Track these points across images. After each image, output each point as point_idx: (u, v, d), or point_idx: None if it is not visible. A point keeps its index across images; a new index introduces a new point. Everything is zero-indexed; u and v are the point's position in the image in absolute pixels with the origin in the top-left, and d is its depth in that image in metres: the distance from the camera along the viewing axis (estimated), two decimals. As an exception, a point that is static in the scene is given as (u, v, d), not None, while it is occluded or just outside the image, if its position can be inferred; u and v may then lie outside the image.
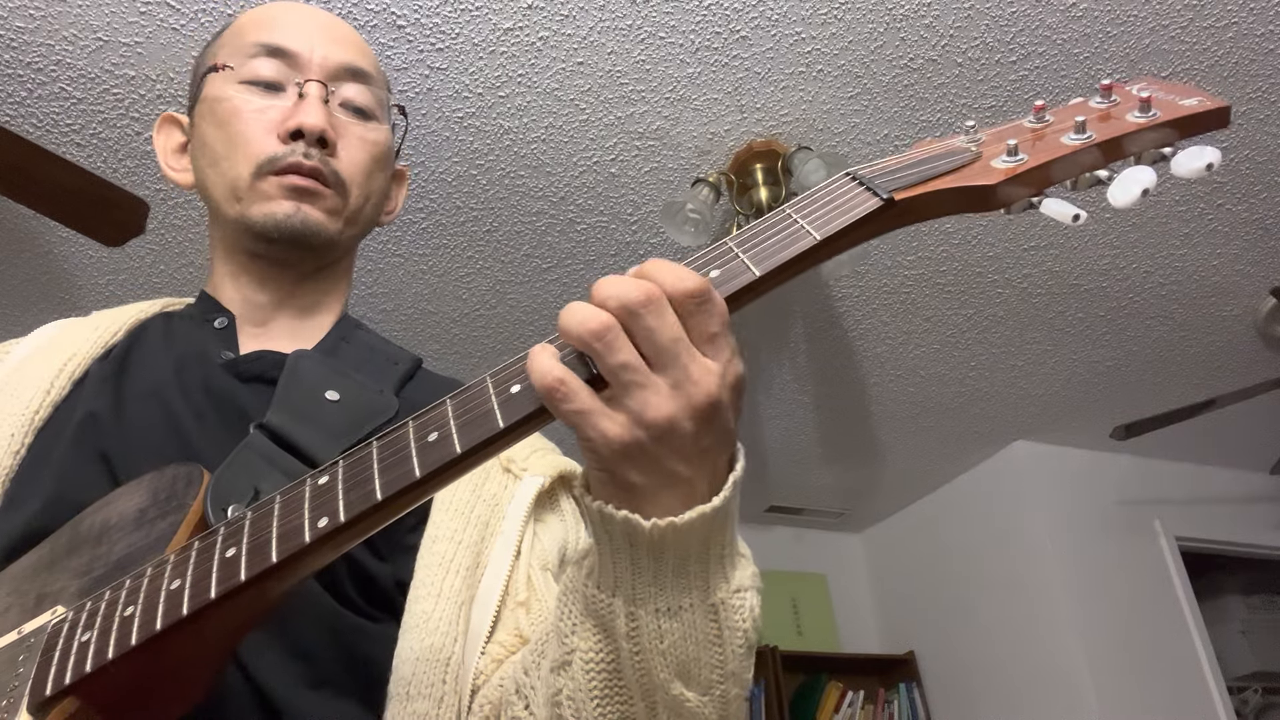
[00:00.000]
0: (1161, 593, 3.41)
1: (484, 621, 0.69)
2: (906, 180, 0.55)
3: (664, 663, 0.51)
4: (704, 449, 0.49)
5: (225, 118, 0.81)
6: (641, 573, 0.51)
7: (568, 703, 0.55)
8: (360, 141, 0.83)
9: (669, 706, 0.53)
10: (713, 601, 0.51)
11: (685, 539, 0.49)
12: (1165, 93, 0.58)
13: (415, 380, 0.83)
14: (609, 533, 0.50)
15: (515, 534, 0.74)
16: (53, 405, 0.75)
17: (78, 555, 0.61)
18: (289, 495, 0.54)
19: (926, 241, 2.51)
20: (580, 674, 0.54)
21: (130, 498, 0.63)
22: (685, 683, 0.52)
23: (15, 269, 2.32)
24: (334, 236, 0.81)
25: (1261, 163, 2.32)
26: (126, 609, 0.54)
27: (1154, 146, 0.56)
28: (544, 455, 0.82)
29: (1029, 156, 0.56)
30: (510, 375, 0.51)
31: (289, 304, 0.84)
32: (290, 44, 0.82)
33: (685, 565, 0.50)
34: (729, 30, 1.90)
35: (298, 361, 0.75)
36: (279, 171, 0.78)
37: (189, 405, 0.73)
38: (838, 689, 3.66)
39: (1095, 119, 0.57)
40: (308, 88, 0.80)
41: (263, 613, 0.55)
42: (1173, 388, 3.22)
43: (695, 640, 0.51)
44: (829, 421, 3.34)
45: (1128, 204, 0.53)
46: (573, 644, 0.55)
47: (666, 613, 0.51)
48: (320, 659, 0.65)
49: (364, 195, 0.84)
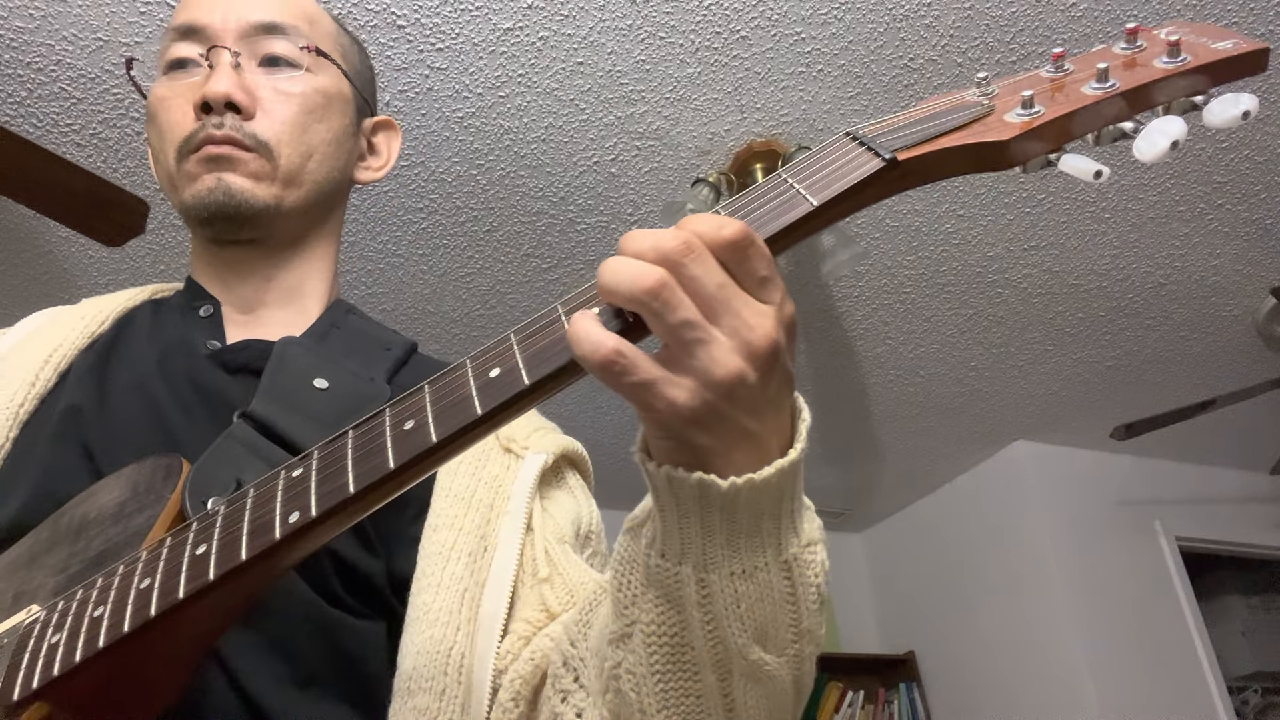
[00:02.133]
0: (1161, 593, 3.41)
1: (499, 604, 0.66)
2: (911, 138, 0.51)
3: (741, 627, 0.49)
4: (770, 399, 0.46)
5: (154, 111, 0.80)
6: (713, 536, 0.47)
7: (626, 676, 0.52)
8: (283, 96, 0.79)
9: (745, 673, 0.50)
10: (785, 558, 0.49)
11: (761, 496, 0.46)
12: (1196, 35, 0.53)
13: (409, 366, 0.81)
14: (677, 497, 0.47)
15: (523, 511, 0.71)
16: (38, 398, 0.73)
17: (56, 551, 0.60)
18: (262, 489, 0.52)
19: (926, 241, 2.51)
20: (641, 647, 0.51)
21: (110, 491, 0.61)
22: (763, 646, 0.50)
23: (15, 269, 2.32)
24: (269, 203, 0.77)
25: (1261, 163, 2.32)
26: (96, 609, 0.52)
27: (1184, 95, 0.51)
28: (545, 434, 0.80)
29: (1046, 108, 0.51)
30: (490, 359, 0.48)
31: (270, 288, 0.82)
32: (199, 19, 0.79)
33: (759, 523, 0.47)
34: (729, 30, 1.90)
35: (285, 349, 0.73)
36: (196, 148, 0.76)
37: (174, 396, 0.72)
38: (838, 689, 3.66)
39: (1119, 66, 0.52)
40: (214, 55, 0.77)
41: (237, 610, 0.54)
42: (1173, 388, 3.22)
43: (771, 600, 0.49)
44: (829, 421, 3.34)
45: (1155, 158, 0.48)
46: (633, 615, 0.51)
47: (741, 575, 0.48)
48: (307, 657, 0.64)
49: (300, 152, 0.79)
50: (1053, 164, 0.52)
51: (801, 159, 0.51)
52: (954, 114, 0.53)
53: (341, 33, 0.88)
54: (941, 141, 0.51)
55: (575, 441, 0.82)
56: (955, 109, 0.53)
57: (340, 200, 0.88)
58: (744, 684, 0.51)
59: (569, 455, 0.80)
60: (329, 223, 0.86)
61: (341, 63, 0.85)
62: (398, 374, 0.79)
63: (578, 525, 0.76)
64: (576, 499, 0.78)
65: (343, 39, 0.87)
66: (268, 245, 0.81)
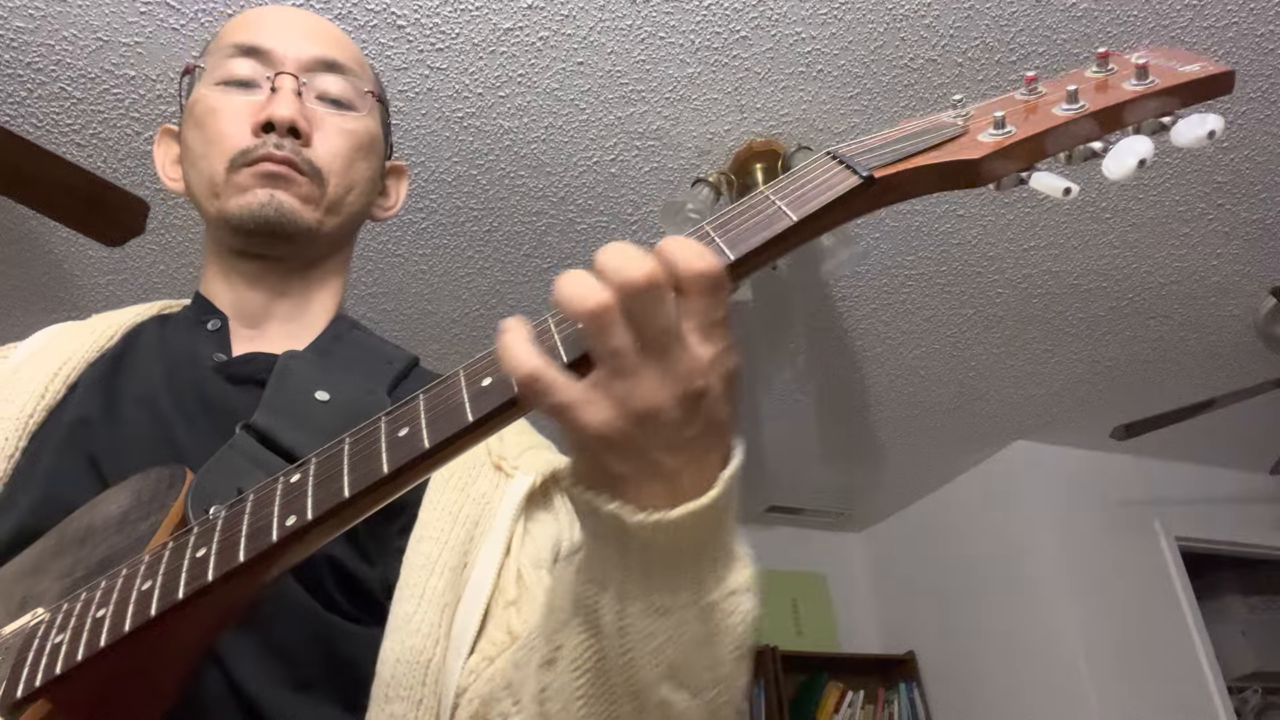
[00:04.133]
0: (1161, 593, 3.41)
1: (470, 621, 0.68)
2: (888, 157, 0.53)
3: (653, 662, 0.50)
4: (689, 439, 0.46)
5: (202, 117, 0.82)
6: (631, 569, 0.49)
7: (554, 699, 0.54)
8: (337, 130, 0.83)
9: (657, 708, 0.51)
10: (705, 603, 0.50)
11: (676, 535, 0.47)
12: (1164, 59, 0.55)
13: (410, 379, 0.83)
14: (596, 525, 0.49)
15: (505, 532, 0.72)
16: (47, 409, 0.74)
17: (63, 558, 0.61)
18: (261, 494, 0.53)
19: (926, 241, 2.51)
20: (566, 671, 0.53)
21: (115, 500, 0.63)
22: (674, 685, 0.51)
23: (15, 269, 2.32)
24: (312, 225, 0.81)
25: (1261, 163, 2.32)
26: (99, 611, 0.53)
27: (1153, 116, 0.53)
28: (538, 453, 0.81)
29: (1018, 128, 0.53)
30: (483, 368, 0.49)
31: (281, 303, 0.84)
32: (264, 42, 0.83)
33: (678, 563, 0.49)
34: (729, 30, 1.90)
35: (288, 362, 0.75)
36: (252, 163, 0.79)
37: (179, 409, 0.73)
38: (838, 689, 3.66)
39: (1090, 88, 0.55)
40: (279, 80, 0.81)
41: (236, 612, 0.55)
42: (1173, 388, 3.22)
43: (686, 641, 0.50)
44: (829, 421, 3.34)
45: (1123, 176, 0.50)
46: (560, 640, 0.53)
47: (656, 611, 0.49)
48: (304, 662, 0.65)
49: (345, 184, 0.83)
50: (1024, 181, 0.54)
51: (785, 177, 0.53)
52: (929, 134, 0.55)
53: (378, 81, 0.93)
54: (917, 160, 0.53)
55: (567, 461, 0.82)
56: (930, 129, 0.56)
57: (356, 231, 0.92)
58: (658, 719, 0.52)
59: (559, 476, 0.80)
60: (344, 250, 0.90)
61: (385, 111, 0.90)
62: (398, 387, 0.80)
63: (557, 548, 0.77)
64: (560, 522, 0.79)
65: (379, 86, 0.93)
66: (288, 263, 0.84)
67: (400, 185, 0.97)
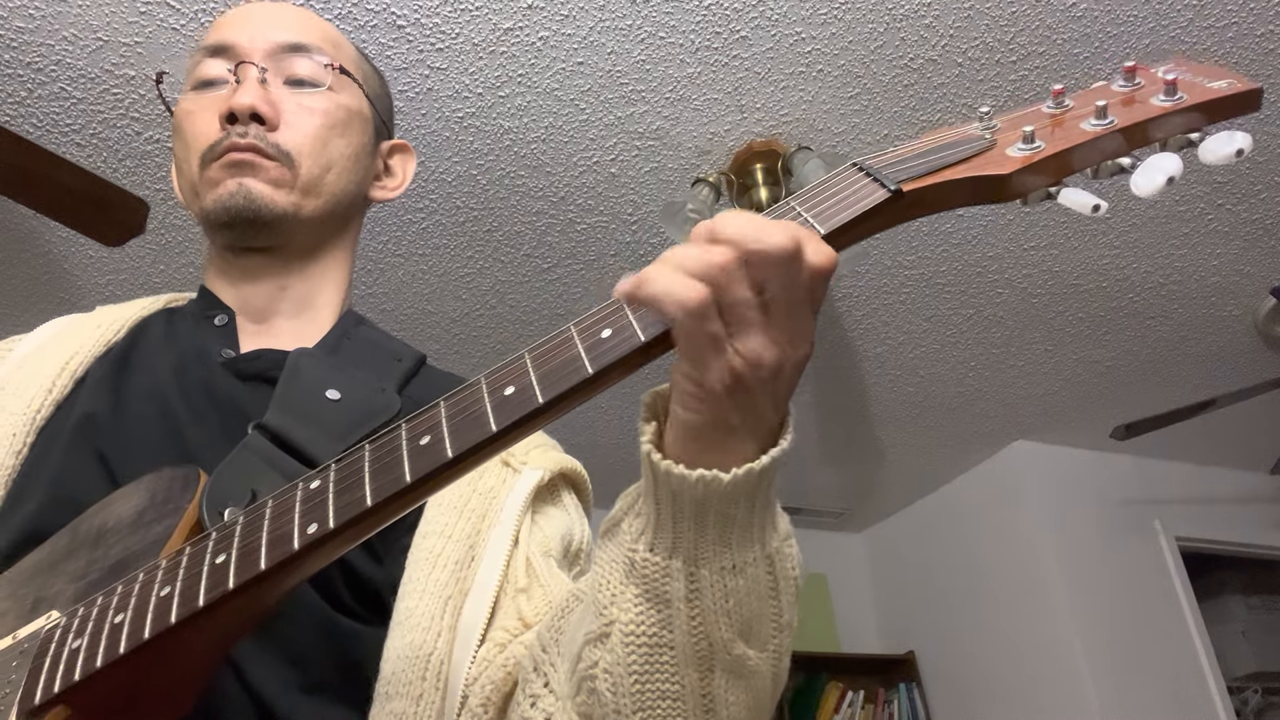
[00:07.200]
0: (1161, 593, 3.41)
1: (480, 613, 0.67)
2: (916, 170, 0.52)
3: (728, 622, 0.50)
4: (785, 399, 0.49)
5: (179, 124, 0.83)
6: (705, 531, 0.49)
7: (603, 676, 0.53)
8: (306, 111, 0.82)
9: (729, 668, 0.51)
10: (769, 552, 0.51)
11: (756, 486, 0.48)
12: (1192, 75, 0.54)
13: (419, 378, 0.82)
14: (675, 492, 0.48)
15: (513, 523, 0.72)
16: (55, 404, 0.74)
17: (75, 558, 0.61)
18: (280, 500, 0.53)
19: (927, 241, 2.51)
20: (620, 646, 0.52)
21: (128, 500, 0.62)
22: (747, 641, 0.51)
23: (15, 269, 2.32)
24: (287, 209, 0.79)
25: (1261, 163, 2.32)
26: (117, 616, 0.53)
27: (1180, 132, 0.53)
28: (545, 451, 0.81)
29: (1046, 144, 0.52)
30: (504, 377, 0.49)
31: (284, 298, 0.83)
32: (228, 38, 0.83)
33: (750, 517, 0.49)
34: (729, 30, 1.90)
35: (298, 360, 0.75)
36: (219, 155, 0.78)
37: (188, 405, 0.73)
38: (838, 689, 3.66)
39: (1118, 103, 0.54)
40: (242, 71, 0.80)
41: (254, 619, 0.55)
42: (1172, 388, 3.22)
43: (758, 595, 0.50)
44: (829, 421, 3.34)
45: (1152, 193, 0.50)
46: (612, 615, 0.52)
47: (732, 570, 0.50)
48: (314, 663, 0.65)
49: (320, 164, 0.82)
50: (1052, 197, 0.53)
51: (810, 188, 0.53)
52: (957, 147, 0.54)
53: (363, 60, 0.91)
54: (945, 174, 0.52)
55: (575, 461, 0.83)
56: (959, 142, 0.55)
57: (356, 216, 0.90)
58: (726, 681, 0.51)
59: (567, 474, 0.81)
60: (345, 236, 0.88)
61: (363, 83, 0.88)
62: (408, 385, 0.80)
63: (568, 542, 0.76)
64: (570, 516, 0.79)
65: (364, 65, 0.91)
66: (284, 254, 0.83)
67: (407, 164, 0.95)
